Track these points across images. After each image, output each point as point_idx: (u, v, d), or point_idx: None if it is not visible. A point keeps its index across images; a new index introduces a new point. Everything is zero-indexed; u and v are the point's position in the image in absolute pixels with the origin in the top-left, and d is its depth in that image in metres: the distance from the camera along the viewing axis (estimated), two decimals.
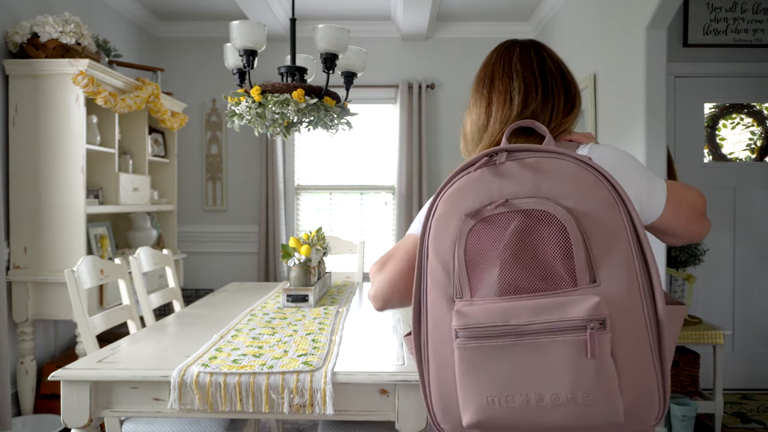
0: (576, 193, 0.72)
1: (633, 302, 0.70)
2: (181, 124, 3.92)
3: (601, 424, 0.69)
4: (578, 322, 0.69)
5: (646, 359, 0.69)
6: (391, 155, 4.56)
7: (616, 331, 0.69)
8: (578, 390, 0.68)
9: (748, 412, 3.14)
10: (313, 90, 2.17)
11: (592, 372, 0.68)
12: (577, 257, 0.71)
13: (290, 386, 1.47)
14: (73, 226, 2.88)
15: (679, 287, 2.83)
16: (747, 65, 3.36)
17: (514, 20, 4.39)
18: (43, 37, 2.84)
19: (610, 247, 0.71)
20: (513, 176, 0.74)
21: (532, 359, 0.70)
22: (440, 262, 0.78)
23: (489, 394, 0.72)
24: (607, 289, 0.70)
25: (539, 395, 0.70)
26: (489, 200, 0.75)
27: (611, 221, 0.71)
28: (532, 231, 0.73)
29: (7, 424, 2.63)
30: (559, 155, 0.74)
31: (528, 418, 0.71)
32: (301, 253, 2.38)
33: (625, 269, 0.70)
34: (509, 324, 0.71)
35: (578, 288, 0.71)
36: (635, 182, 0.89)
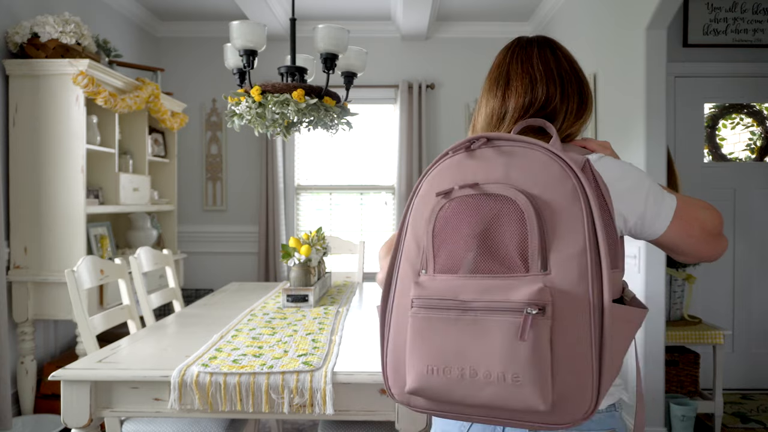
0: (542, 183, 0.74)
1: (579, 294, 0.71)
2: (181, 124, 3.92)
3: (526, 407, 0.70)
4: (517, 305, 0.71)
5: (583, 353, 0.70)
6: (391, 155, 4.57)
7: (558, 321, 0.71)
8: (509, 370, 0.70)
9: (748, 412, 3.14)
10: (313, 90, 2.17)
11: (525, 355, 0.70)
12: (531, 244, 0.73)
13: (290, 386, 1.47)
14: (73, 226, 2.88)
15: (679, 287, 2.83)
16: (747, 65, 3.36)
17: (514, 20, 4.39)
18: (43, 37, 2.84)
19: (565, 238, 0.72)
20: (487, 161, 0.78)
21: (471, 335, 0.73)
22: (414, 237, 0.82)
23: (429, 363, 0.75)
24: (556, 278, 0.72)
25: (473, 370, 0.72)
26: (462, 182, 0.78)
27: (571, 214, 0.73)
28: (496, 215, 0.75)
29: (7, 424, 2.63)
30: (533, 146, 0.76)
31: (461, 391, 0.73)
32: (301, 253, 2.38)
33: (577, 262, 0.71)
34: (457, 299, 0.75)
35: (529, 274, 0.73)
36: (637, 198, 0.89)
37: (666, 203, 0.90)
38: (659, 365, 2.59)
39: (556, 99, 0.95)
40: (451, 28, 4.48)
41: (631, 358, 2.70)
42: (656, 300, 2.57)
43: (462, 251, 0.77)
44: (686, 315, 2.86)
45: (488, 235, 0.76)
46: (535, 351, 0.70)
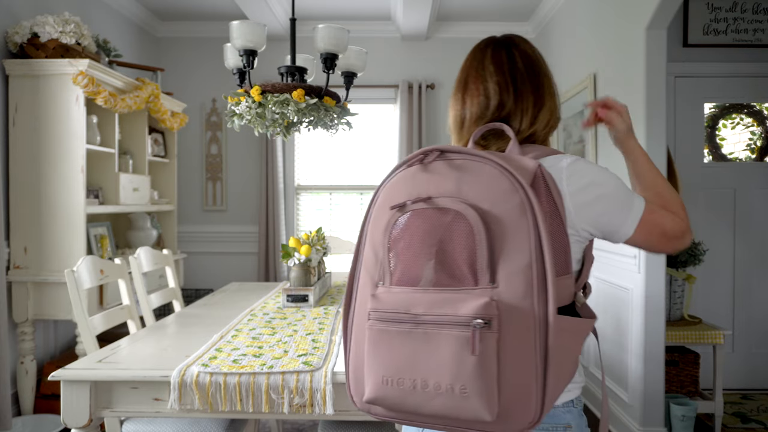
0: (491, 197, 0.76)
1: (525, 308, 0.72)
2: (181, 124, 3.92)
3: (474, 418, 0.72)
4: (465, 318, 0.73)
5: (528, 365, 0.72)
6: (391, 155, 4.56)
7: (503, 334, 0.72)
8: (456, 382, 0.72)
9: (748, 412, 3.14)
10: (313, 90, 2.17)
11: (471, 367, 0.72)
12: (480, 258, 0.75)
13: (290, 386, 1.47)
14: (73, 226, 2.88)
15: (679, 287, 2.83)
16: (747, 65, 3.36)
17: (514, 20, 4.39)
18: (43, 37, 2.84)
19: (512, 252, 0.74)
20: (439, 175, 0.79)
21: (423, 348, 0.75)
22: (372, 248, 0.84)
23: (385, 374, 0.78)
24: (503, 291, 0.73)
25: (424, 382, 0.74)
26: (416, 196, 0.80)
27: (518, 228, 0.74)
28: (447, 229, 0.77)
29: (7, 424, 2.63)
30: (484, 159, 0.77)
31: (413, 402, 0.76)
32: (301, 253, 2.38)
33: (523, 276, 0.73)
34: (409, 312, 0.77)
35: (478, 287, 0.75)
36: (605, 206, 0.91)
37: (633, 211, 0.92)
38: (659, 365, 2.59)
39: (509, 101, 0.96)
40: (451, 28, 4.48)
41: (631, 358, 2.70)
42: (656, 300, 2.57)
43: (415, 264, 0.78)
44: (686, 315, 2.86)
45: (440, 248, 0.77)
46: (482, 364, 0.72)
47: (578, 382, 0.96)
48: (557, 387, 0.75)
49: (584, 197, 0.90)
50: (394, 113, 4.52)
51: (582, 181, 0.90)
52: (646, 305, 2.58)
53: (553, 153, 0.95)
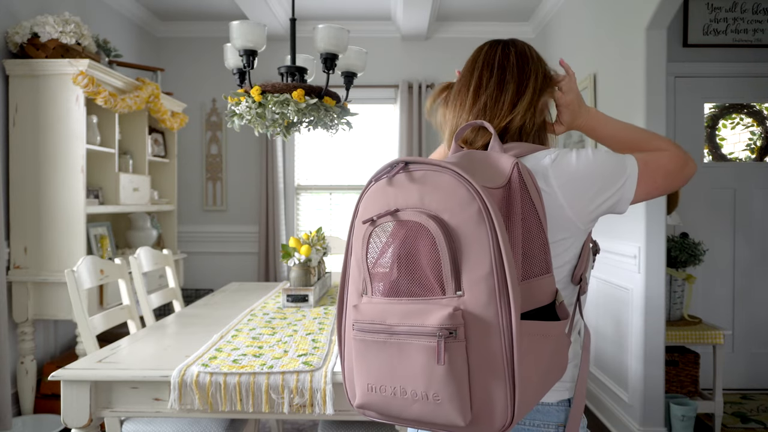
0: (450, 207, 0.77)
1: (489, 316, 0.74)
2: (181, 124, 3.92)
3: (448, 423, 0.75)
4: (431, 329, 0.75)
5: (496, 371, 0.74)
6: (391, 155, 4.57)
7: (471, 341, 0.74)
8: (429, 389, 0.75)
9: (748, 412, 3.14)
10: (313, 90, 2.17)
11: (441, 375, 0.74)
12: (444, 268, 0.77)
13: (290, 386, 1.47)
14: (73, 226, 2.88)
15: (679, 287, 2.83)
16: (747, 65, 3.36)
17: (514, 20, 4.39)
18: (43, 37, 2.84)
19: (473, 260, 0.75)
20: (404, 188, 0.81)
21: (398, 357, 0.78)
22: (356, 259, 0.87)
23: (369, 381, 0.81)
24: (468, 300, 0.75)
25: (403, 389, 0.78)
26: (386, 209, 0.82)
27: (477, 236, 0.75)
28: (413, 240, 0.79)
29: (7, 424, 2.63)
30: (443, 169, 0.78)
31: (396, 407, 0.79)
32: (301, 253, 2.38)
33: (485, 284, 0.74)
34: (384, 323, 0.79)
35: (445, 297, 0.77)
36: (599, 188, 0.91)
37: (628, 177, 0.92)
38: (659, 365, 2.59)
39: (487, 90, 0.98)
40: (451, 28, 4.48)
41: (631, 358, 2.70)
42: (656, 300, 2.57)
43: (390, 275, 0.81)
44: (686, 315, 2.86)
45: (409, 260, 0.79)
46: (451, 372, 0.74)
47: (568, 382, 0.96)
48: (532, 391, 0.77)
49: (574, 190, 0.90)
50: (394, 113, 4.52)
51: (567, 174, 0.90)
52: (646, 305, 2.58)
53: (538, 149, 0.95)
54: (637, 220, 2.62)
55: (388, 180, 0.83)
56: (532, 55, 1.02)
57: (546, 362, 0.80)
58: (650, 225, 2.55)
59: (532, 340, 0.76)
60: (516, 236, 0.80)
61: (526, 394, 0.75)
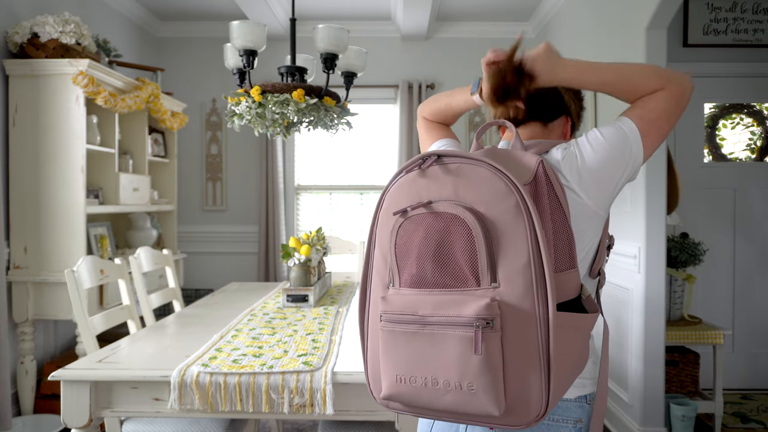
0: (487, 200, 0.78)
1: (526, 306, 0.75)
2: (181, 124, 3.92)
3: (482, 413, 0.76)
4: (468, 319, 0.75)
5: (532, 361, 0.74)
6: (391, 155, 4.56)
7: (507, 331, 0.75)
8: (464, 380, 0.76)
9: (748, 412, 3.14)
10: (313, 90, 2.17)
11: (477, 365, 0.75)
12: (480, 259, 0.77)
13: (290, 386, 1.47)
14: (73, 226, 2.88)
15: (679, 287, 2.83)
16: (747, 65, 3.36)
17: (514, 20, 4.39)
18: (43, 37, 2.84)
19: (510, 253, 0.76)
20: (437, 180, 0.82)
21: (430, 347, 0.78)
22: (381, 251, 0.87)
23: (398, 372, 0.81)
24: (504, 291, 0.76)
25: (434, 380, 0.78)
26: (417, 201, 0.82)
27: (515, 229, 0.76)
28: (447, 232, 0.80)
29: (7, 424, 2.63)
30: (478, 162, 0.79)
31: (426, 398, 0.79)
32: (301, 253, 2.38)
33: (522, 275, 0.75)
34: (416, 314, 0.80)
35: (480, 288, 0.77)
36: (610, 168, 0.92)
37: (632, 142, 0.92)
38: (659, 365, 2.59)
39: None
40: (451, 28, 4.48)
41: (631, 358, 2.70)
42: (656, 300, 2.57)
43: (420, 267, 0.81)
44: (686, 315, 2.86)
45: (442, 251, 0.80)
46: (487, 362, 0.75)
47: (593, 378, 0.96)
48: (563, 382, 0.77)
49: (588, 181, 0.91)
50: (394, 113, 4.52)
51: (577, 169, 0.92)
52: (646, 305, 2.58)
53: (554, 145, 0.97)
54: (637, 220, 2.62)
55: (420, 172, 0.83)
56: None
57: (577, 354, 0.81)
58: (650, 225, 2.55)
59: (567, 332, 0.77)
60: (548, 231, 0.81)
61: (558, 385, 0.76)
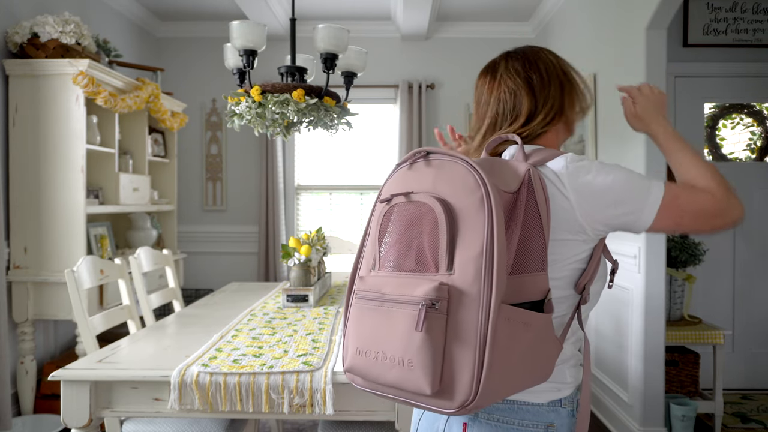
0: (457, 192, 0.84)
1: (473, 292, 0.79)
2: (181, 124, 3.92)
3: (416, 390, 0.80)
4: (416, 299, 0.81)
5: (469, 346, 0.78)
6: (391, 155, 4.56)
7: (452, 315, 0.80)
8: (405, 355, 0.81)
9: (748, 412, 3.14)
10: (313, 90, 2.17)
11: (417, 342, 0.79)
12: (441, 247, 0.83)
13: (290, 386, 1.47)
14: (73, 226, 2.88)
15: (679, 287, 2.83)
16: (747, 65, 3.36)
17: (514, 20, 4.39)
18: (43, 37, 2.84)
19: (468, 241, 0.81)
20: (421, 173, 0.89)
21: (384, 323, 0.84)
22: (371, 237, 0.93)
23: (357, 345, 0.87)
24: (456, 277, 0.81)
25: (384, 354, 0.83)
26: (402, 191, 0.89)
27: (475, 221, 0.81)
28: (419, 221, 0.86)
29: (7, 424, 2.63)
30: (456, 159, 0.85)
31: (375, 372, 0.85)
32: (301, 253, 2.38)
33: (474, 263, 0.80)
34: (380, 292, 0.86)
35: (438, 273, 0.82)
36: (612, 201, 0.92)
37: (650, 201, 0.93)
38: (659, 365, 2.59)
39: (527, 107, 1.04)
40: (451, 28, 4.48)
41: (631, 358, 2.70)
42: (656, 300, 2.57)
43: (396, 252, 0.88)
44: (686, 315, 2.86)
45: (413, 238, 0.87)
46: (426, 341, 0.79)
47: (568, 383, 0.97)
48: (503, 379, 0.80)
49: (587, 197, 0.92)
50: (394, 113, 4.52)
51: (582, 180, 0.92)
52: (646, 305, 2.58)
53: (557, 155, 0.97)
54: None
55: (410, 166, 0.91)
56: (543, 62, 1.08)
57: (522, 352, 0.83)
58: None
59: (512, 325, 0.80)
60: (514, 233, 0.85)
61: (494, 379, 0.78)
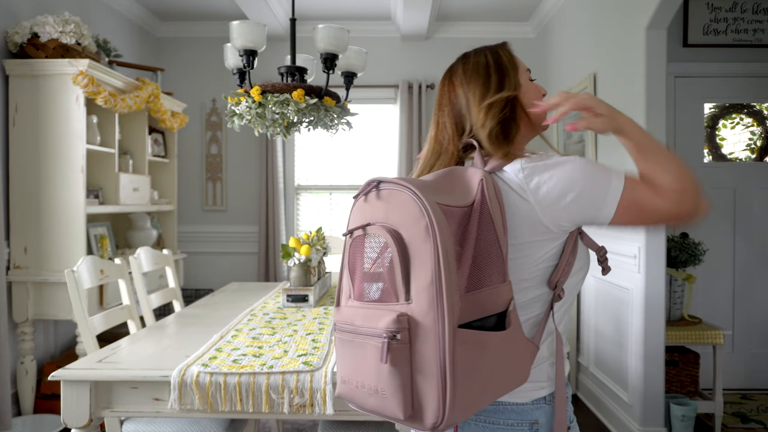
0: (405, 222, 0.85)
1: (428, 322, 0.81)
2: (181, 124, 3.92)
3: (392, 415, 0.85)
4: (380, 331, 0.84)
5: (431, 374, 0.81)
6: (391, 155, 4.56)
7: (414, 344, 0.83)
8: (378, 385, 0.85)
9: (748, 412, 3.14)
10: (313, 90, 2.17)
11: (386, 373, 0.84)
12: (397, 277, 0.85)
13: (290, 386, 1.47)
14: (73, 226, 2.88)
15: (679, 287, 2.83)
16: (747, 65, 3.36)
17: (514, 20, 4.39)
18: (43, 37, 2.84)
19: (420, 271, 0.83)
20: (374, 205, 0.91)
21: (360, 355, 0.88)
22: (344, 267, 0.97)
23: (342, 374, 0.92)
24: (414, 307, 0.83)
25: (362, 383, 0.88)
26: (360, 224, 0.92)
27: (423, 250, 0.83)
28: (378, 252, 0.89)
29: (7, 424, 2.63)
30: (403, 188, 0.87)
31: (359, 399, 0.90)
32: (301, 253, 2.38)
33: (427, 293, 0.82)
34: (353, 324, 0.90)
35: (398, 303, 0.85)
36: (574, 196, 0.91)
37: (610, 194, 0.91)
38: (659, 365, 2.59)
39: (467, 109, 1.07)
40: (451, 28, 4.48)
41: (631, 358, 2.70)
42: (656, 300, 2.57)
43: (360, 282, 0.92)
44: (686, 315, 2.86)
45: (375, 269, 0.90)
46: (393, 372, 0.83)
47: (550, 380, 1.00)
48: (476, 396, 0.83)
49: (545, 196, 0.91)
50: (394, 113, 4.52)
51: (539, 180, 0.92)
52: (646, 305, 2.58)
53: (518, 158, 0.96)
54: None
55: (365, 197, 0.93)
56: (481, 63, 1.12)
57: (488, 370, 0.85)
58: None
59: (468, 349, 0.82)
60: (467, 251, 0.87)
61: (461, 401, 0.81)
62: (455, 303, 0.81)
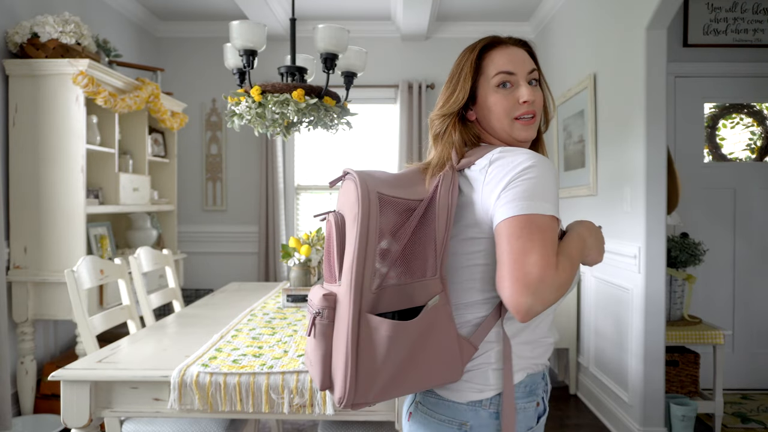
0: (347, 208, 0.92)
1: (346, 303, 0.87)
2: (181, 124, 3.92)
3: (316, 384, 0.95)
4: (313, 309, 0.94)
5: (341, 352, 0.87)
6: (391, 155, 4.56)
7: (336, 322, 0.90)
8: (310, 355, 0.97)
9: (748, 412, 3.14)
10: (313, 90, 2.17)
11: (312, 346, 0.94)
12: (333, 259, 0.94)
13: (290, 386, 1.47)
14: (73, 226, 2.88)
15: (679, 287, 2.83)
16: (747, 65, 3.36)
17: (514, 20, 4.39)
18: (43, 37, 2.84)
19: (347, 255, 0.89)
20: (340, 193, 0.99)
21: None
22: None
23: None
24: (341, 288, 0.90)
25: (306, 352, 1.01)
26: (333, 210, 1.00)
27: (351, 233, 0.89)
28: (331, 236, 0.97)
29: (7, 424, 2.63)
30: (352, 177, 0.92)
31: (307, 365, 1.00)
32: (301, 253, 2.38)
33: (347, 275, 0.88)
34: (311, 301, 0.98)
35: (335, 284, 0.93)
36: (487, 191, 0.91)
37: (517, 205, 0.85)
38: (659, 365, 2.59)
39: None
40: (451, 28, 4.48)
41: (631, 358, 2.70)
42: (656, 300, 2.57)
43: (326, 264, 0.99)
44: (686, 315, 2.86)
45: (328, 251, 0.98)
46: (315, 345, 0.93)
47: (491, 385, 0.95)
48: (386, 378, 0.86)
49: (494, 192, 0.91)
50: (394, 113, 4.52)
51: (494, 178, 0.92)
52: (646, 305, 2.58)
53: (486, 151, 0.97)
54: (637, 220, 2.62)
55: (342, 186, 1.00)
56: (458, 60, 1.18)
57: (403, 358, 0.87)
58: (650, 225, 2.55)
59: (376, 334, 0.86)
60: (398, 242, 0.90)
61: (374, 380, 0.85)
62: (365, 288, 0.86)
